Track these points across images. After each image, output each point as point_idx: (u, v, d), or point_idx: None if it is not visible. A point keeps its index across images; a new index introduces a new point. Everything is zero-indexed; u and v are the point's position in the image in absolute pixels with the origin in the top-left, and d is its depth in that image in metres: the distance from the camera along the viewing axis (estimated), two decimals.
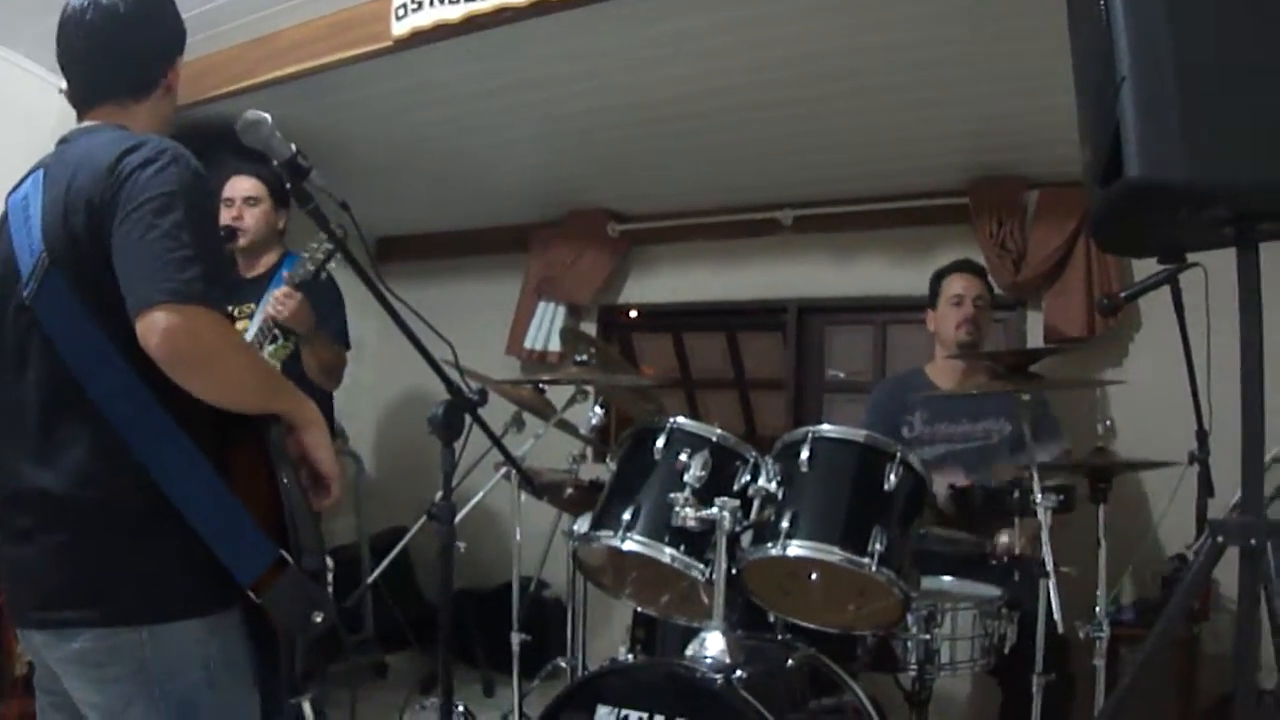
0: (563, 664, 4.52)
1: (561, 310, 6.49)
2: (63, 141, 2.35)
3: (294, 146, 2.40)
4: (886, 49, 4.33)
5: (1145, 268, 3.81)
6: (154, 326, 1.99)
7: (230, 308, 4.15)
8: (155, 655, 2.13)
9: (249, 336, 4.21)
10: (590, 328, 6.56)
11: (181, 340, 2.01)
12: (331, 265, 4.09)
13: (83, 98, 2.40)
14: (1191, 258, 2.83)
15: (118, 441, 2.10)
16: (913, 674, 3.56)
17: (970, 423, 4.58)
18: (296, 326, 4.23)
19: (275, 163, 2.39)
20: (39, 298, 2.14)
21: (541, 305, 6.52)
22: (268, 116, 2.34)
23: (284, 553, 2.17)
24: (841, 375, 6.16)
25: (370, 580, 4.19)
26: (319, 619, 2.21)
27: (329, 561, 2.38)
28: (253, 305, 4.39)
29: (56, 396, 2.16)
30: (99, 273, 2.09)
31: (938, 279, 4.73)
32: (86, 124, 2.37)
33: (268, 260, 4.65)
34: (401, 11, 4.44)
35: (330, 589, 2.37)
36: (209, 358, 2.08)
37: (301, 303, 4.16)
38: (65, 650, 2.16)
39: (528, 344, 6.52)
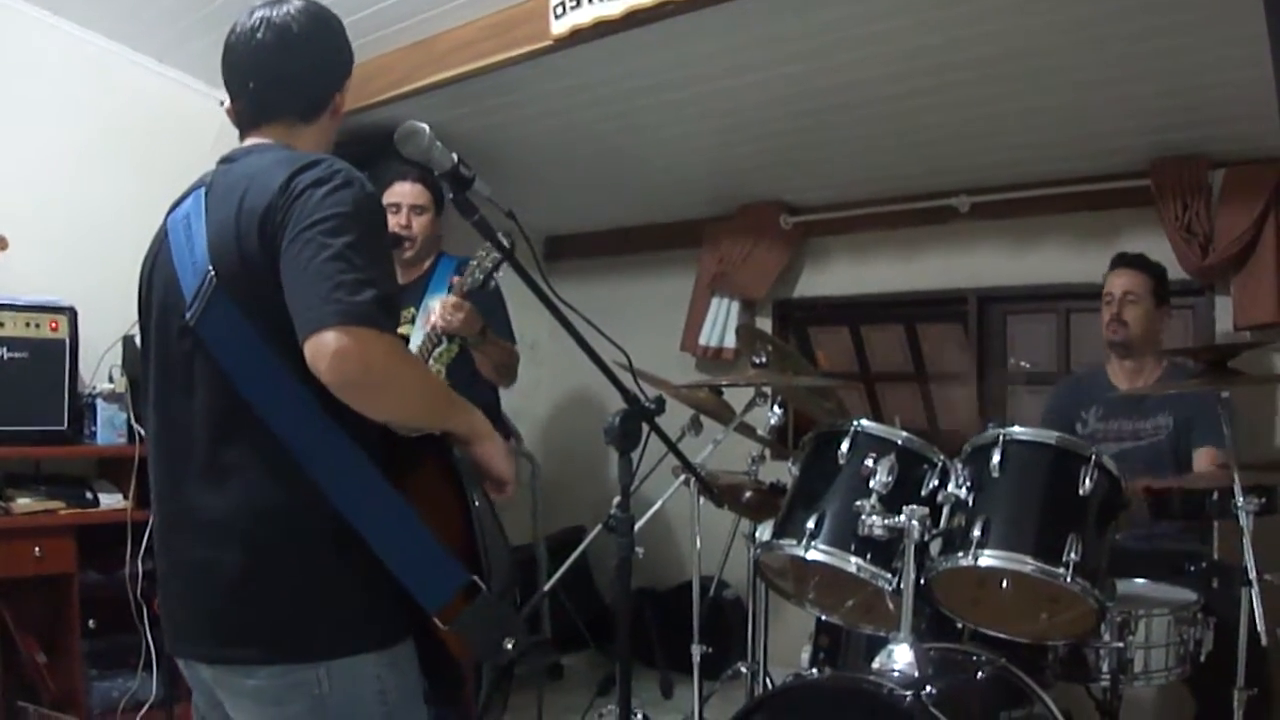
0: (743, 669, 4.43)
1: (736, 305, 6.42)
2: (225, 160, 2.29)
3: (455, 156, 2.33)
4: (1060, 28, 4.17)
5: None
6: (323, 349, 1.91)
7: None
8: (333, 691, 2.07)
9: (414, 345, 4.19)
10: (765, 323, 6.50)
11: (351, 364, 1.92)
12: (499, 274, 4.03)
13: (250, 118, 2.34)
14: None
15: (290, 465, 2.04)
16: (1105, 684, 3.39)
17: (1141, 419, 4.38)
18: (465, 334, 4.20)
19: (437, 173, 2.33)
20: (204, 318, 2.09)
21: (715, 301, 6.46)
22: (426, 127, 2.28)
23: (475, 578, 2.09)
24: (1027, 366, 5.95)
25: (546, 588, 4.16)
26: (510, 645, 2.12)
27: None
28: (412, 309, 4.40)
29: (225, 420, 2.10)
30: (269, 293, 2.02)
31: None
32: (251, 143, 2.31)
33: (423, 263, 4.67)
34: (560, 10, 4.38)
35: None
36: (380, 382, 1.99)
37: (470, 312, 4.12)
38: (240, 686, 2.12)
39: (703, 340, 6.46)
